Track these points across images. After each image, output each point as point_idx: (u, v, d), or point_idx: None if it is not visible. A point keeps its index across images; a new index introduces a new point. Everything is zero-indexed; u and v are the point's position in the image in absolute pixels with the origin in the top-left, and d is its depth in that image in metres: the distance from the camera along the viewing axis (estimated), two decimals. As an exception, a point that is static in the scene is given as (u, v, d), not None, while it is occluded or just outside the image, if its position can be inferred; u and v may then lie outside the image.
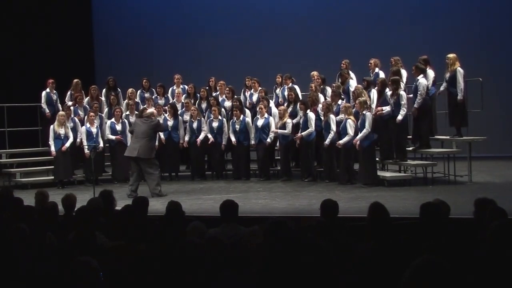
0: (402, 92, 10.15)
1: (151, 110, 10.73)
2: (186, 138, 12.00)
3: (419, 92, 10.20)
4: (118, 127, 11.66)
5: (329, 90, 11.40)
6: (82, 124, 11.79)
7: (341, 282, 3.32)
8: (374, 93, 10.73)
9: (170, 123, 11.94)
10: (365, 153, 10.15)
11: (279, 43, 15.68)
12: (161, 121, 11.85)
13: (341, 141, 10.32)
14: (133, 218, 5.12)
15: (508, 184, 10.01)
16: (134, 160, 9.96)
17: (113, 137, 11.76)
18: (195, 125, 11.95)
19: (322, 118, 10.84)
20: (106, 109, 12.36)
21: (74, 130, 11.69)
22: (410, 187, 9.95)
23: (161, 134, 11.73)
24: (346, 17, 15.54)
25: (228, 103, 12.23)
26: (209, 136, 11.87)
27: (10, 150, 12.62)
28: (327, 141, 10.60)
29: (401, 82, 10.41)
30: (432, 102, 10.57)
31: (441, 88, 10.64)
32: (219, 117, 11.84)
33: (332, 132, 10.55)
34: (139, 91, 12.73)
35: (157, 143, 11.77)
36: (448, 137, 10.75)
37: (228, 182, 11.52)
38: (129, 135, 11.15)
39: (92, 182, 10.75)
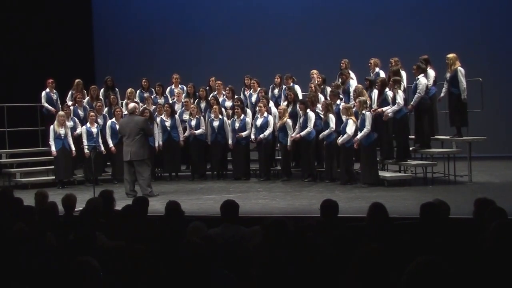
0: (398, 91, 10.14)
1: (133, 104, 10.72)
2: (186, 134, 11.99)
3: (418, 90, 10.22)
4: (118, 128, 11.62)
5: (329, 90, 11.40)
6: (82, 124, 11.79)
7: (340, 282, 3.32)
8: (375, 93, 10.72)
9: (168, 123, 11.94)
10: (366, 152, 10.15)
11: (279, 43, 15.67)
12: (158, 120, 11.88)
13: (339, 140, 10.31)
14: (133, 218, 5.12)
15: (508, 184, 10.01)
16: (128, 161, 9.99)
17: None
18: (193, 122, 11.94)
19: (322, 117, 10.85)
20: (105, 109, 12.36)
21: (74, 130, 11.69)
22: (410, 187, 9.95)
23: (156, 141, 11.70)
24: (346, 17, 15.54)
25: (228, 103, 12.24)
26: (208, 140, 11.90)
27: (10, 150, 12.63)
28: (321, 135, 10.65)
29: (402, 82, 10.42)
30: (432, 102, 10.57)
31: (442, 94, 10.62)
32: (220, 116, 11.84)
33: (330, 129, 10.56)
34: (138, 91, 12.73)
35: (157, 144, 11.79)
36: (448, 137, 10.74)
37: (228, 182, 11.52)
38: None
39: (92, 182, 10.74)
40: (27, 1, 15.33)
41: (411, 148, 10.67)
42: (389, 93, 10.32)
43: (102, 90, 12.79)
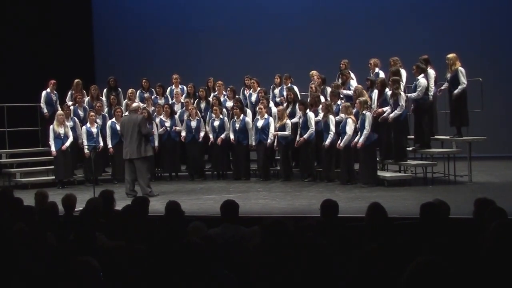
0: (401, 93, 10.13)
1: (136, 103, 10.72)
2: (183, 134, 11.98)
3: (417, 90, 10.21)
4: (119, 127, 11.61)
5: (329, 91, 11.41)
6: (82, 124, 11.79)
7: (340, 282, 3.32)
8: (376, 93, 10.71)
9: (167, 123, 11.93)
10: (365, 152, 10.15)
11: (278, 43, 15.68)
12: (157, 120, 11.88)
13: (341, 144, 10.30)
14: (133, 218, 5.12)
15: (508, 184, 10.01)
16: (128, 160, 10.00)
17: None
18: (193, 124, 11.94)
19: (321, 118, 10.85)
20: (106, 109, 12.36)
21: (74, 129, 11.69)
22: (410, 187, 9.94)
23: (156, 142, 11.68)
24: (346, 17, 15.54)
25: (229, 103, 12.24)
26: (210, 136, 11.89)
27: (10, 150, 12.63)
28: (327, 142, 10.60)
29: (401, 82, 10.41)
30: (432, 102, 10.56)
31: (442, 87, 10.62)
32: (220, 116, 11.84)
33: (331, 133, 10.55)
34: (138, 91, 12.72)
35: (156, 143, 11.78)
36: (448, 137, 10.74)
37: (228, 182, 11.52)
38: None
39: (92, 182, 10.74)
40: (27, 1, 15.32)
41: (410, 148, 10.67)
42: (389, 93, 10.31)
43: (105, 90, 12.79)
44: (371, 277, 3.04)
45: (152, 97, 12.64)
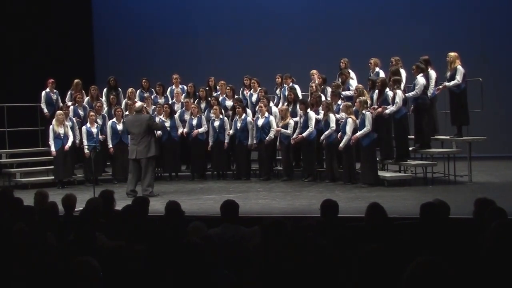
0: (397, 91, 10.12)
1: (140, 103, 10.70)
2: (185, 130, 11.98)
3: (415, 89, 10.21)
4: (119, 127, 11.63)
5: (329, 90, 11.41)
6: (83, 124, 11.78)
7: (340, 282, 3.32)
8: (376, 93, 10.70)
9: (167, 123, 11.93)
10: (365, 152, 10.15)
11: (279, 43, 15.68)
12: (157, 120, 11.88)
13: (341, 144, 10.29)
14: (133, 218, 5.12)
15: (508, 184, 10.01)
16: (134, 159, 9.99)
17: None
18: (194, 122, 11.94)
19: (321, 117, 10.85)
20: (105, 109, 12.36)
21: (72, 129, 11.68)
22: (410, 187, 9.94)
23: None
24: (346, 17, 15.54)
25: (229, 103, 12.24)
26: (210, 142, 11.87)
27: (10, 150, 12.63)
28: (323, 136, 10.61)
29: (401, 82, 10.41)
30: (432, 102, 10.56)
31: (441, 86, 10.60)
32: (220, 116, 11.83)
33: (330, 130, 10.55)
34: (138, 91, 12.72)
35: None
36: (448, 137, 10.75)
37: (228, 182, 11.52)
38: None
39: (92, 182, 10.74)
40: (27, 1, 15.32)
41: (410, 148, 10.67)
42: (389, 93, 10.31)
43: (105, 90, 12.79)
44: (371, 277, 3.03)
45: (152, 96, 12.64)
